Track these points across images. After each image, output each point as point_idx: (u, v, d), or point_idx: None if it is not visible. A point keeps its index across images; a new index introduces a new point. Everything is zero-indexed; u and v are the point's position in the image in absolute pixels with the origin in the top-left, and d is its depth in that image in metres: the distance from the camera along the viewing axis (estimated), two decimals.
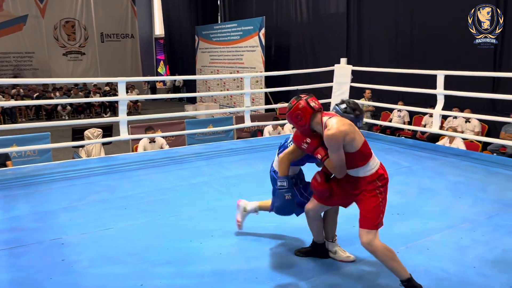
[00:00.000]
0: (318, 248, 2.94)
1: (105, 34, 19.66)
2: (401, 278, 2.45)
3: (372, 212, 2.51)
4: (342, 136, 2.43)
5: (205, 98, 16.31)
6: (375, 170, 2.57)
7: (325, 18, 11.78)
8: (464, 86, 6.30)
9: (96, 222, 3.56)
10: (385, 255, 2.46)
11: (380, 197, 2.54)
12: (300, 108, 2.58)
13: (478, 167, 5.08)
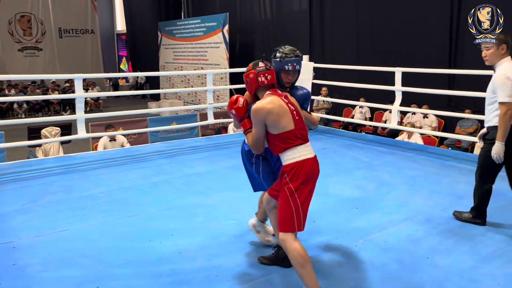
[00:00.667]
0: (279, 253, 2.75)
1: (64, 29, 18.99)
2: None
3: (282, 211, 2.39)
4: (264, 112, 2.39)
5: (168, 95, 16.09)
6: (292, 161, 2.40)
7: (288, 15, 11.86)
8: (424, 83, 6.51)
9: (50, 224, 3.44)
10: (295, 258, 2.32)
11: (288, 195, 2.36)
12: (249, 77, 2.61)
13: (434, 161, 5.26)
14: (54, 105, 15.57)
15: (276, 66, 2.71)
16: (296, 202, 2.36)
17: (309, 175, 2.41)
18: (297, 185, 2.37)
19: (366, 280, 2.61)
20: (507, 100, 3.02)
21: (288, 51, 2.72)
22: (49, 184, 4.46)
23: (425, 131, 7.58)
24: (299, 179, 2.37)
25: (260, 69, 2.59)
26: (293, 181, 2.37)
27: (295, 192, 2.36)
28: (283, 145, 2.43)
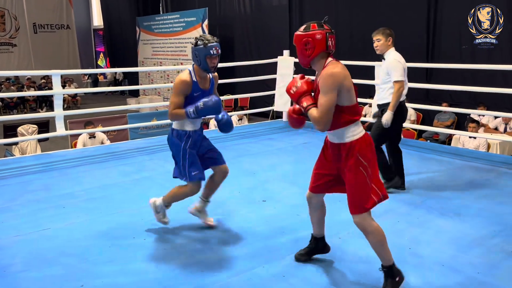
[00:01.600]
0: (318, 244, 2.79)
1: (38, 25, 18.52)
2: (386, 264, 2.39)
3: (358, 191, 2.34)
4: (342, 76, 2.21)
5: (148, 91, 15.91)
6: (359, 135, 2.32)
7: (268, 10, 11.85)
8: None
9: (31, 223, 3.38)
10: (375, 237, 2.36)
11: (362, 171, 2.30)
12: (316, 38, 2.29)
13: (413, 154, 5.35)
14: (30, 102, 15.21)
15: (200, 52, 2.94)
16: (370, 177, 2.30)
17: (371, 147, 2.37)
18: (368, 159, 2.29)
19: (350, 271, 2.66)
20: (400, 78, 3.77)
21: (209, 37, 2.98)
22: (28, 182, 4.37)
23: (404, 124, 7.69)
24: (367, 153, 2.31)
25: (329, 31, 2.32)
26: (364, 156, 2.29)
27: (369, 167, 2.29)
28: (350, 117, 2.28)
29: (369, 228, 2.36)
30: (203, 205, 3.28)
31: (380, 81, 4.04)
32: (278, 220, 3.43)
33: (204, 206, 3.28)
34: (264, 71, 8.07)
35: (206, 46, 2.93)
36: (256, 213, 3.57)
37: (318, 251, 2.80)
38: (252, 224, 3.35)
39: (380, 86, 4.04)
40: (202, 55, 2.94)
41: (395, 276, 2.39)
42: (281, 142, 5.97)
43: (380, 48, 3.91)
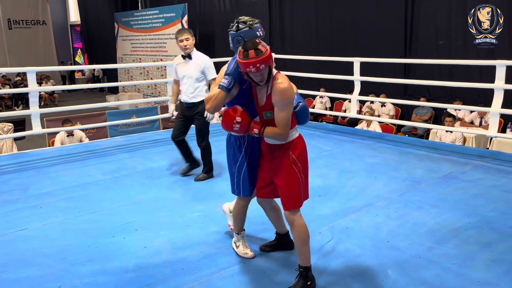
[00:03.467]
0: (283, 239, 2.85)
1: (13, 21, 18.06)
2: (305, 264, 2.43)
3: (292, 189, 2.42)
4: (292, 90, 2.33)
5: (127, 88, 15.71)
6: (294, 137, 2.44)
7: (247, 6, 11.82)
8: (381, 72, 6.69)
9: (7, 224, 3.31)
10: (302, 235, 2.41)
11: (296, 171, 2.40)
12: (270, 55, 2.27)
13: (392, 148, 5.44)
14: (5, 100, 14.85)
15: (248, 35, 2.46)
16: (302, 176, 2.41)
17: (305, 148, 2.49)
18: (302, 159, 2.41)
19: (330, 266, 2.68)
20: (216, 75, 3.82)
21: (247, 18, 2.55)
22: (4, 182, 4.27)
23: (383, 119, 7.81)
24: (302, 152, 2.43)
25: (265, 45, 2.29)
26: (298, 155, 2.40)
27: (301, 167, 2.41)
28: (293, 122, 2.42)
29: (297, 225, 2.42)
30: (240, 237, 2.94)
31: (190, 80, 4.17)
32: (259, 216, 3.41)
33: None
34: None
35: (251, 28, 2.47)
36: None
37: (283, 247, 2.86)
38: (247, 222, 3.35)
39: (192, 86, 4.18)
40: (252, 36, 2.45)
41: (308, 280, 2.42)
42: None
43: (190, 47, 4.12)
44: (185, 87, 4.21)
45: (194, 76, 4.17)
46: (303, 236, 2.41)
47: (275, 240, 2.89)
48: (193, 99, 4.20)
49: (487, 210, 3.47)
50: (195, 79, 4.17)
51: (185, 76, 4.19)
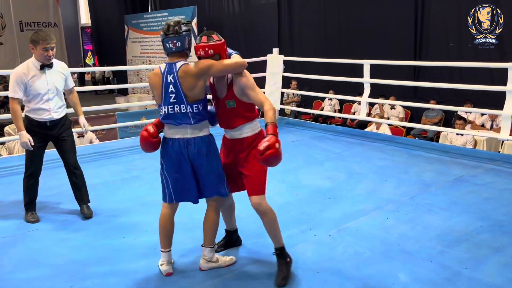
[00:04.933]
0: (232, 236, 2.95)
1: (25, 23, 18.26)
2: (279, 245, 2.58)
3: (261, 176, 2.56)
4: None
5: (137, 90, 15.79)
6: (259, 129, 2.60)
7: (257, 8, 11.85)
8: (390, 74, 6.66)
9: (19, 224, 3.34)
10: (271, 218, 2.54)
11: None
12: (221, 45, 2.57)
13: (402, 150, 5.40)
14: None
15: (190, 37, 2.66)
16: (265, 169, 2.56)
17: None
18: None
19: (340, 269, 2.67)
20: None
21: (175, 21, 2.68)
22: (15, 182, 4.30)
23: (392, 122, 7.77)
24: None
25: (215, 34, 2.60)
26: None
27: None
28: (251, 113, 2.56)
29: (267, 209, 2.54)
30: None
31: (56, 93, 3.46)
32: None
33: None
34: (253, 70, 8.04)
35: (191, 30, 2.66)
36: (246, 211, 3.54)
37: (233, 243, 2.96)
38: (243, 223, 3.33)
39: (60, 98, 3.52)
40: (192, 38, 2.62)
41: (286, 257, 2.58)
42: None
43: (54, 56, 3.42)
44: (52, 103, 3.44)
45: (61, 87, 3.53)
46: (273, 218, 2.56)
47: (225, 238, 2.96)
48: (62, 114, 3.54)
49: (499, 213, 3.43)
50: (62, 90, 3.55)
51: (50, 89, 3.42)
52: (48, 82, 3.39)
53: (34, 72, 3.35)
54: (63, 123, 3.54)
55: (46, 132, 3.47)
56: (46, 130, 3.47)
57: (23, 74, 3.33)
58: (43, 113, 3.40)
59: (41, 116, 3.40)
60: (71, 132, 3.63)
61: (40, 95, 3.36)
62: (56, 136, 3.52)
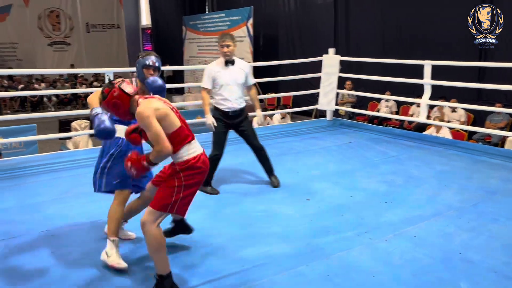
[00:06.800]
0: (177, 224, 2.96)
1: (91, 24, 19.33)
2: (160, 273, 2.41)
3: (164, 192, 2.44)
4: (151, 108, 2.33)
5: (192, 89, 16.21)
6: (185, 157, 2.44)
7: (313, 8, 11.76)
8: (450, 76, 6.37)
9: (84, 214, 3.54)
10: (152, 243, 2.39)
11: (178, 182, 2.41)
12: (115, 96, 2.43)
13: (463, 155, 5.16)
14: (81, 98, 15.90)
15: (139, 64, 3.01)
16: (179, 195, 2.41)
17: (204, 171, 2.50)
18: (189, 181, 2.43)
19: (397, 274, 2.60)
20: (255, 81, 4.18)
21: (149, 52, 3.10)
22: (81, 175, 4.57)
23: (454, 125, 7.42)
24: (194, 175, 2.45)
25: (119, 83, 2.48)
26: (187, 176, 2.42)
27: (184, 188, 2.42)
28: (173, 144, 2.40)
29: (150, 230, 2.38)
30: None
31: (236, 86, 4.01)
32: (322, 219, 3.42)
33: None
34: (309, 70, 8.01)
35: (144, 57, 3.05)
36: (300, 212, 3.57)
37: (181, 230, 2.96)
38: (296, 223, 3.36)
39: (238, 91, 4.03)
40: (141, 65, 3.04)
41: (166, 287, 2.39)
42: (324, 141, 5.92)
43: (231, 53, 3.99)
44: (231, 94, 4.01)
45: (240, 82, 4.04)
46: (154, 245, 2.39)
47: (172, 224, 2.96)
48: (241, 105, 4.07)
49: None
50: (241, 84, 4.06)
51: (229, 83, 4.00)
52: (230, 76, 3.97)
53: (220, 67, 4.01)
54: (242, 113, 4.07)
55: (228, 120, 4.04)
56: (229, 119, 4.04)
57: (212, 68, 4.03)
58: (226, 103, 4.00)
59: (225, 106, 4.00)
60: (248, 121, 4.14)
61: (223, 86, 3.98)
62: (236, 125, 4.08)
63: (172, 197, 2.41)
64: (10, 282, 2.57)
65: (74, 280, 2.58)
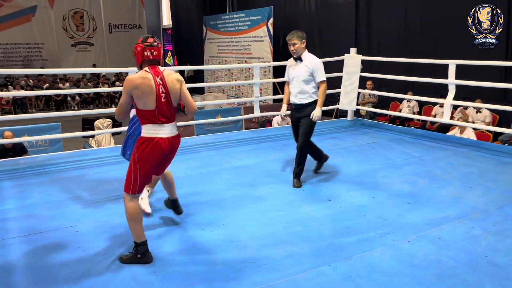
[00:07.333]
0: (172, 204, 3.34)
1: (113, 25, 19.65)
2: (135, 240, 2.78)
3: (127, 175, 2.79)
4: (130, 85, 2.68)
5: (212, 89, 16.30)
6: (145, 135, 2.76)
7: (334, 7, 11.68)
8: (476, 75, 6.24)
9: (109, 210, 3.61)
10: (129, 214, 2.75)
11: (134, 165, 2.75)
12: (137, 49, 2.82)
13: (489, 157, 5.05)
14: (104, 98, 16.17)
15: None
16: (136, 170, 2.75)
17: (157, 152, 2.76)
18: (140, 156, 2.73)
19: (420, 276, 2.57)
20: (325, 78, 4.19)
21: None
22: (105, 173, 4.66)
23: (479, 126, 7.27)
24: (144, 152, 2.73)
25: (147, 44, 2.82)
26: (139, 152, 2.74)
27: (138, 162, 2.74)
28: (142, 119, 2.78)
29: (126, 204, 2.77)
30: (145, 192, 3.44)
31: (299, 82, 4.20)
32: (343, 219, 3.40)
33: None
34: (330, 69, 7.96)
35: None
36: (321, 212, 3.56)
37: (173, 209, 3.33)
38: (317, 223, 3.34)
39: (301, 87, 4.20)
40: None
41: (139, 253, 2.76)
42: (345, 142, 5.88)
43: (297, 51, 4.17)
44: (294, 89, 4.26)
45: (302, 78, 4.17)
46: (128, 216, 2.76)
47: (168, 200, 3.37)
48: (302, 101, 4.21)
49: None
50: (304, 81, 4.18)
51: (294, 78, 4.24)
52: (295, 72, 4.23)
53: (292, 63, 4.31)
54: (303, 109, 4.21)
55: (293, 113, 4.33)
56: (293, 111, 4.33)
57: (288, 63, 4.38)
58: (291, 96, 4.32)
59: (291, 99, 4.32)
60: (308, 119, 4.18)
61: (291, 81, 4.30)
62: (298, 119, 4.27)
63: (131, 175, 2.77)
64: (35, 277, 2.64)
65: (97, 275, 2.63)
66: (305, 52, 4.21)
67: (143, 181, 2.77)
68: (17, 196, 3.97)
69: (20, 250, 2.95)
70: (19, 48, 17.62)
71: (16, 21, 17.39)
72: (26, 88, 15.05)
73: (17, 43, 17.50)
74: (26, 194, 4.02)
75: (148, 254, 2.78)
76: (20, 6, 17.38)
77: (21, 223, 3.38)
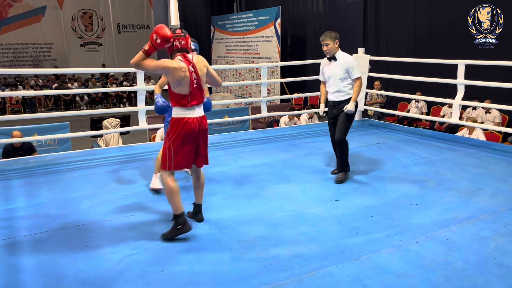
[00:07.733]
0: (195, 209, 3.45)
1: (122, 25, 19.77)
2: (174, 212, 3.07)
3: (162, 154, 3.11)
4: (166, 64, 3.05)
5: (220, 89, 16.32)
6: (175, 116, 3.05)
7: (342, 7, 11.65)
8: (485, 75, 6.19)
9: (117, 209, 3.62)
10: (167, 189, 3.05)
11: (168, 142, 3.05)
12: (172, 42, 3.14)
13: (498, 158, 5.01)
14: (112, 97, 16.26)
15: None
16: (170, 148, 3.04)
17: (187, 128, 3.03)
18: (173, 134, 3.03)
19: (429, 277, 2.55)
20: (360, 75, 4.32)
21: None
22: (113, 172, 4.68)
23: (488, 127, 7.21)
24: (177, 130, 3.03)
25: (177, 34, 3.18)
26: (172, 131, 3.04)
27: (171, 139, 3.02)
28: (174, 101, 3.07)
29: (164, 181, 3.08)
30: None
31: (335, 80, 4.34)
32: (351, 220, 3.39)
33: None
34: None
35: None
36: (329, 212, 3.55)
37: (194, 215, 3.39)
38: (325, 223, 3.34)
39: (337, 85, 4.34)
40: None
41: (178, 224, 3.02)
42: (353, 142, 5.83)
43: (330, 51, 4.33)
44: (331, 87, 4.40)
45: (338, 77, 4.32)
46: (167, 192, 3.07)
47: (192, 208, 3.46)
48: (339, 98, 4.35)
49: None
50: (340, 79, 4.32)
51: (330, 77, 4.38)
52: (330, 71, 4.38)
53: (327, 62, 4.46)
54: (338, 106, 4.36)
55: (330, 109, 4.48)
56: (331, 108, 4.48)
57: (322, 63, 4.53)
58: (328, 94, 4.47)
59: (329, 97, 4.46)
60: (345, 115, 4.30)
61: (327, 79, 4.45)
62: (335, 115, 4.42)
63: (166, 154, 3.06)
64: (44, 275, 2.66)
65: (105, 274, 2.65)
66: (339, 51, 4.36)
67: (178, 157, 3.03)
68: (26, 195, 4.00)
69: (29, 249, 2.98)
70: (28, 48, 17.80)
71: (26, 22, 17.57)
72: (35, 88, 15.19)
73: (26, 43, 17.67)
74: (35, 193, 4.06)
75: (187, 223, 3.04)
76: (29, 6, 17.55)
77: (30, 221, 3.41)
